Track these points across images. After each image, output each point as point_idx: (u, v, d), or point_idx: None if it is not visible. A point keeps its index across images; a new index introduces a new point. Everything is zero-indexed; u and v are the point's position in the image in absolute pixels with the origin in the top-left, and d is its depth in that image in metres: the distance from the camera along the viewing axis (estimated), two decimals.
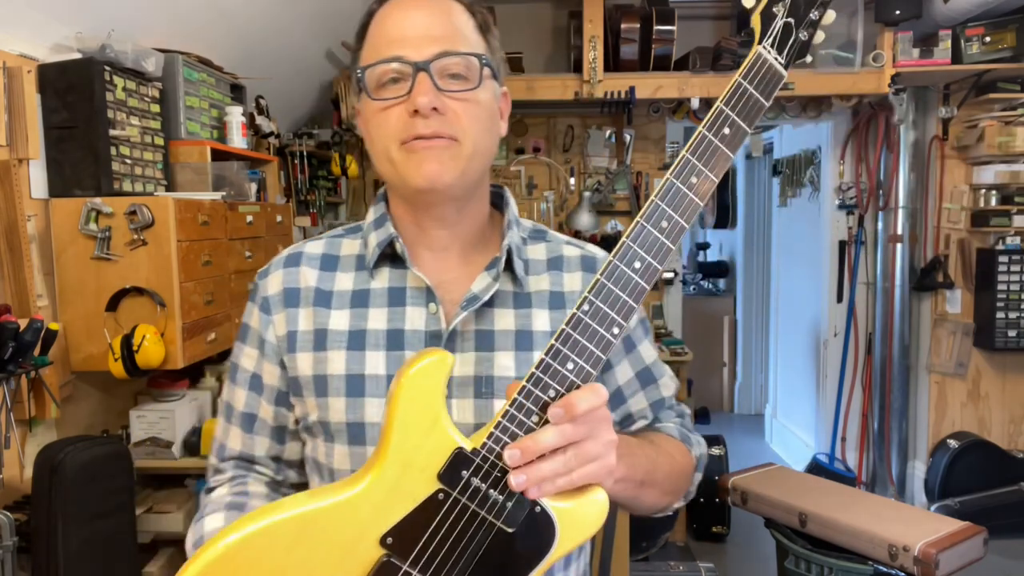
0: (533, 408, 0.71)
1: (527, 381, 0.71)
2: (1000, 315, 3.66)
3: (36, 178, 2.01)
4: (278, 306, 0.92)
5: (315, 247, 0.96)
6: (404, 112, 0.82)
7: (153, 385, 2.40)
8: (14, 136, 1.90)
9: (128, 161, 2.14)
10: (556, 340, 0.72)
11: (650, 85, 3.59)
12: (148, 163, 2.24)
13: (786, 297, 5.00)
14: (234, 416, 0.95)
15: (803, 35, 0.73)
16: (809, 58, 0.75)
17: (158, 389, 2.39)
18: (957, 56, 3.44)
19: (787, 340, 4.97)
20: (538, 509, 0.71)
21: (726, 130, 0.72)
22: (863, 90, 3.55)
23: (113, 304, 2.05)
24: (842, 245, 4.16)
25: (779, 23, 0.72)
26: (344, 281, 0.92)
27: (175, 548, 2.37)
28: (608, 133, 4.14)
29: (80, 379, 2.17)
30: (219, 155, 2.53)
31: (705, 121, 0.72)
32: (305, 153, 3.49)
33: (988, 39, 3.41)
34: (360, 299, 0.90)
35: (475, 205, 0.92)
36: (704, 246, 6.55)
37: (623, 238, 0.73)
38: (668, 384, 1.00)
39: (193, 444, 2.33)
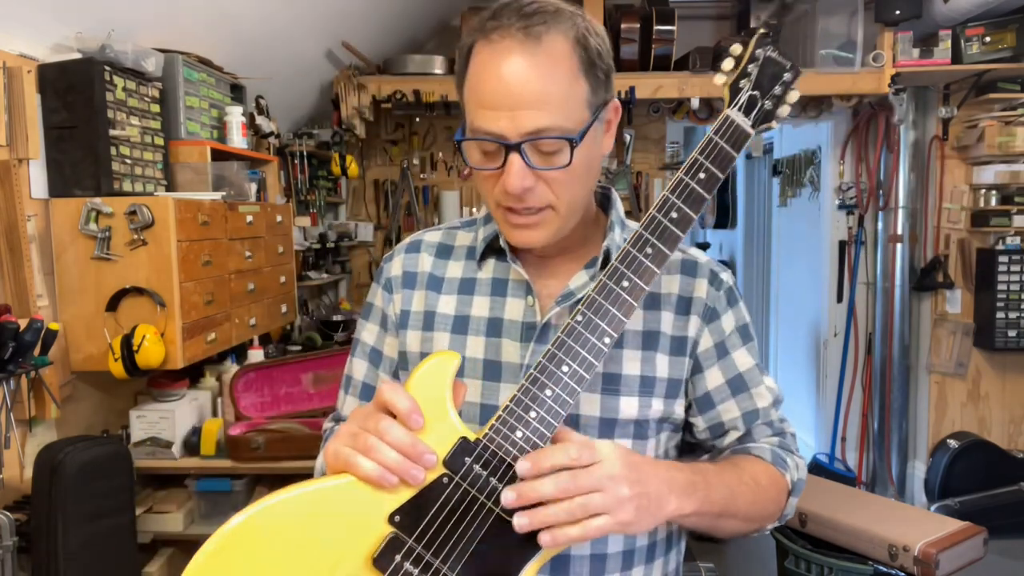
0: (531, 405, 0.78)
1: (526, 380, 0.79)
2: (1000, 315, 3.66)
3: (36, 178, 2.01)
4: (398, 286, 1.00)
5: (433, 236, 1.03)
6: (500, 184, 0.85)
7: (153, 385, 2.40)
8: (14, 136, 1.90)
9: (128, 161, 2.14)
10: (552, 345, 0.80)
11: (650, 85, 3.59)
12: (148, 163, 2.24)
13: (786, 297, 5.00)
14: (352, 386, 1.03)
15: (767, 104, 0.85)
16: (775, 124, 0.87)
17: (158, 389, 2.39)
18: (957, 56, 3.44)
19: (787, 340, 4.97)
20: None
21: (701, 175, 0.84)
22: (863, 90, 3.55)
23: (113, 304, 2.05)
24: (842, 245, 4.16)
25: (745, 95, 0.85)
26: (455, 269, 0.99)
27: (175, 548, 2.37)
28: None
29: (80, 379, 2.17)
30: (219, 155, 2.53)
31: (684, 167, 0.84)
32: (305, 153, 3.49)
33: (988, 39, 3.41)
34: (467, 287, 0.97)
35: (576, 222, 0.95)
36: (704, 246, 6.55)
37: (613, 260, 0.82)
38: (764, 395, 0.99)
39: (193, 444, 2.33)
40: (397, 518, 0.75)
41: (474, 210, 4.08)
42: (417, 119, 4.05)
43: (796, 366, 4.76)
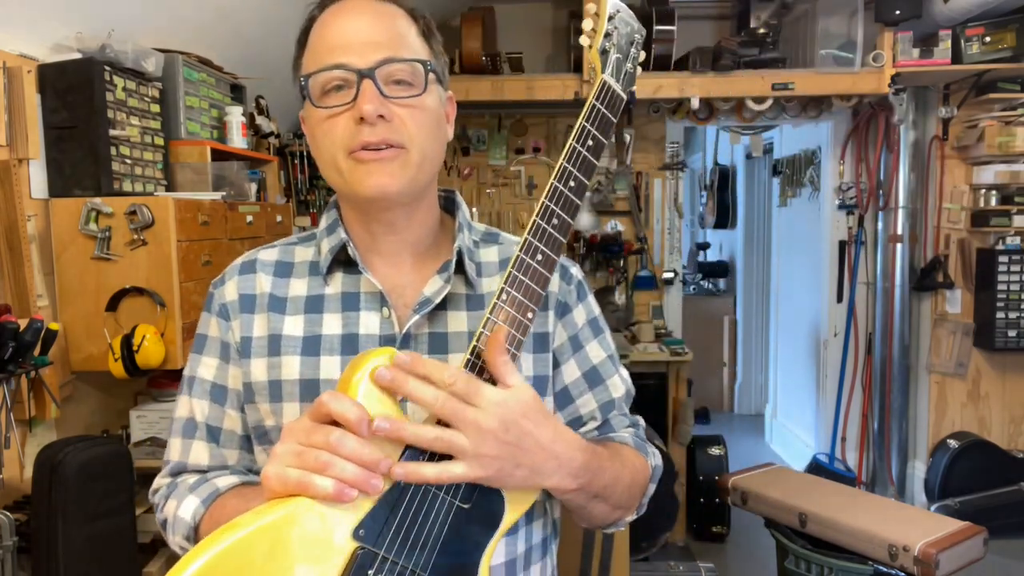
0: None
1: (465, 366, 0.75)
2: (1000, 315, 3.66)
3: (36, 178, 2.01)
4: (235, 312, 0.92)
5: (269, 255, 0.97)
6: (350, 120, 0.82)
7: (153, 385, 2.40)
8: (14, 136, 1.90)
9: (128, 161, 2.14)
10: (483, 327, 0.76)
11: (650, 85, 3.59)
12: (148, 163, 2.24)
13: (786, 297, 5.00)
14: (197, 428, 0.93)
15: (629, 67, 0.88)
16: (634, 88, 0.90)
17: (158, 389, 2.39)
18: (957, 56, 3.44)
19: (787, 340, 4.97)
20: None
21: (590, 142, 0.84)
22: (863, 90, 3.55)
23: (113, 304, 2.05)
24: (842, 245, 4.16)
25: (612, 58, 0.86)
26: (298, 287, 0.92)
27: None
28: None
29: (80, 379, 2.17)
30: (219, 155, 2.53)
31: (573, 135, 0.83)
32: (305, 153, 3.49)
33: (988, 39, 3.41)
34: (314, 305, 0.91)
35: (424, 210, 0.93)
36: (704, 246, 6.55)
37: (526, 234, 0.80)
38: (618, 385, 1.00)
39: None
40: (362, 532, 0.72)
41: (473, 210, 4.08)
42: None
43: (796, 366, 4.76)
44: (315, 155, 0.89)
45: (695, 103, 3.67)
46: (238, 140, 2.65)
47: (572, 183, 0.82)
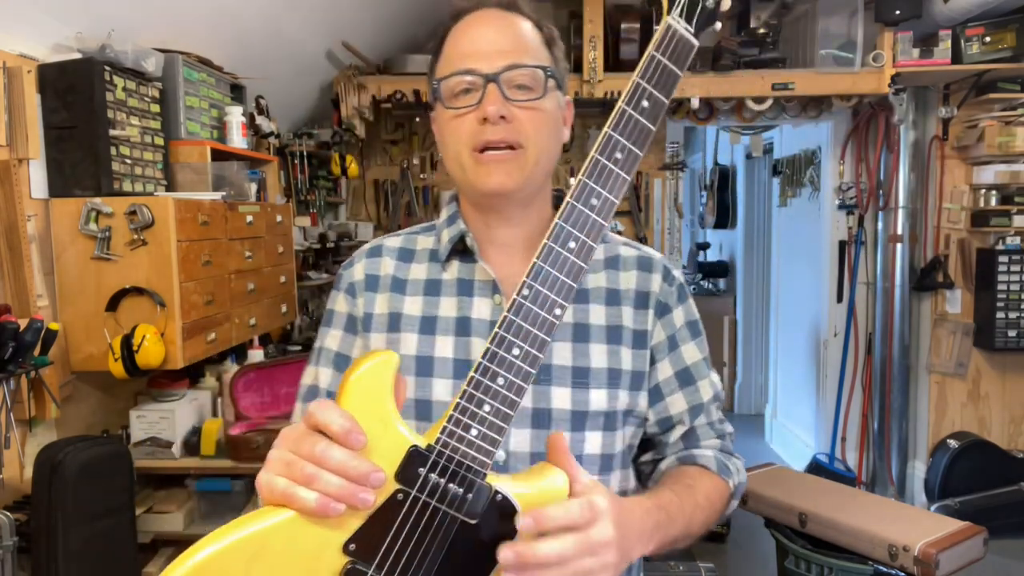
0: (484, 398, 0.71)
1: (475, 372, 0.71)
2: (1000, 315, 3.66)
3: (36, 178, 2.01)
4: (361, 290, 1.00)
5: (394, 241, 1.04)
6: (475, 120, 0.90)
7: (153, 385, 2.40)
8: (14, 136, 1.90)
9: (128, 161, 2.14)
10: (500, 327, 0.72)
11: None
12: (148, 163, 2.24)
13: (786, 297, 5.00)
14: (318, 395, 1.00)
15: (709, 3, 0.76)
16: (719, 25, 0.76)
17: (158, 389, 2.39)
18: (957, 56, 3.44)
19: (787, 340, 4.97)
20: (499, 497, 0.71)
21: (645, 103, 0.73)
22: (863, 90, 3.55)
23: (113, 304, 2.05)
24: (842, 245, 4.16)
25: None
26: (418, 271, 1.00)
27: (175, 548, 2.37)
28: None
29: (80, 379, 2.17)
30: (219, 155, 2.53)
31: (623, 96, 0.73)
32: (305, 153, 3.49)
33: (988, 39, 3.41)
34: (432, 288, 0.98)
35: (538, 206, 0.99)
36: (704, 246, 6.55)
37: (556, 218, 0.73)
38: (707, 388, 1.02)
39: (193, 444, 2.33)
40: (353, 546, 0.68)
41: None
42: (417, 119, 4.06)
43: (796, 366, 4.76)
44: (442, 151, 0.97)
45: (695, 103, 3.67)
46: (238, 140, 2.65)
47: (619, 155, 0.73)
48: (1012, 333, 3.67)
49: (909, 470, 4.05)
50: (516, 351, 0.72)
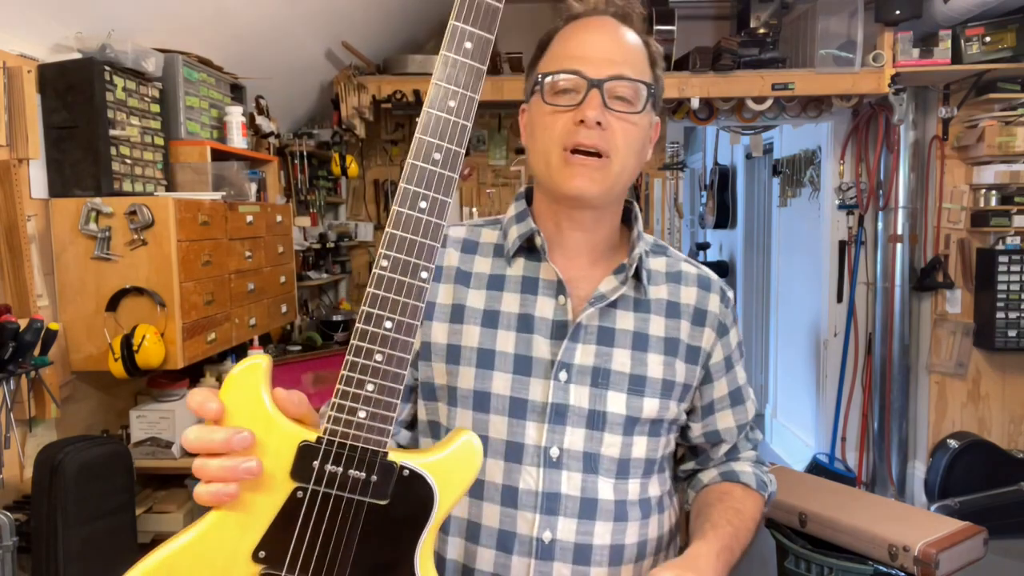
0: (363, 377, 0.69)
1: (350, 354, 0.69)
2: (1000, 315, 3.66)
3: (36, 178, 2.01)
4: None
5: (457, 232, 1.05)
6: (571, 120, 0.91)
7: (153, 385, 2.40)
8: (14, 136, 1.90)
9: (128, 161, 2.14)
10: (364, 304, 0.70)
11: None
12: (148, 163, 2.24)
13: (786, 297, 5.00)
14: None
15: None
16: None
17: (158, 389, 2.39)
18: (957, 56, 3.44)
19: (787, 340, 4.97)
20: (406, 472, 0.70)
21: (467, 44, 0.70)
22: (863, 90, 3.55)
23: (113, 304, 2.05)
24: (842, 245, 4.16)
25: None
26: (482, 265, 1.01)
27: None
28: None
29: (80, 379, 2.17)
30: (219, 155, 2.53)
31: (444, 44, 0.70)
32: (305, 153, 3.49)
33: (988, 39, 3.41)
34: (496, 283, 0.99)
35: (611, 216, 1.01)
36: (704, 246, 6.55)
37: (400, 183, 0.70)
38: (750, 409, 1.09)
39: None
40: (262, 553, 0.68)
41: (473, 210, 4.09)
42: (417, 119, 4.05)
43: (796, 366, 4.76)
44: (528, 144, 0.99)
45: (695, 103, 3.67)
46: (238, 140, 2.65)
47: (452, 102, 0.70)
48: (1012, 333, 3.67)
49: (909, 470, 4.05)
50: (388, 324, 0.69)
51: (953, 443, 3.73)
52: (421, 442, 1.03)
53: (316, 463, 0.68)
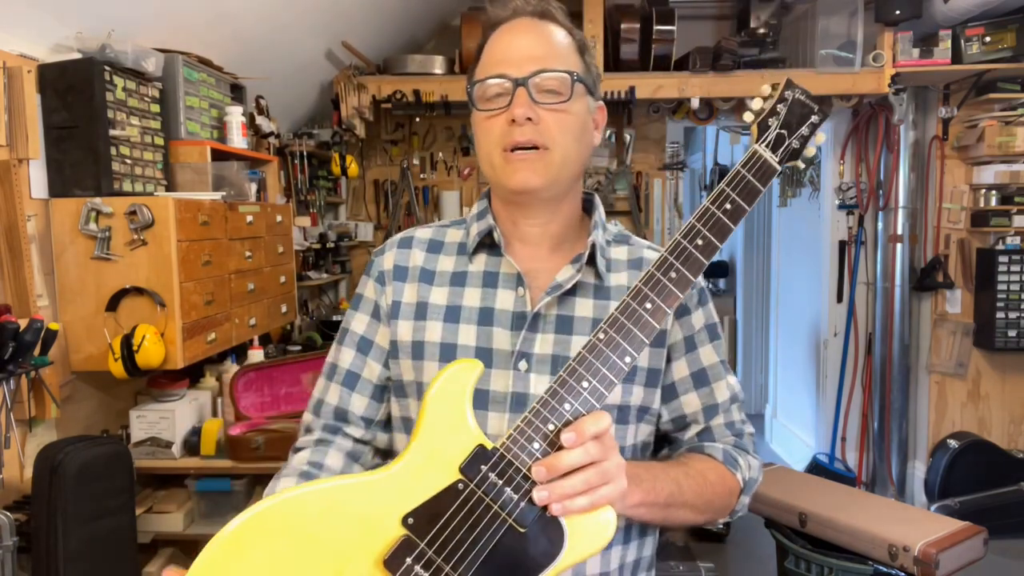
0: (549, 417, 0.79)
1: (547, 393, 0.80)
2: (1000, 315, 3.66)
3: (36, 178, 2.01)
4: (389, 279, 1.05)
5: (424, 233, 1.09)
6: (504, 121, 0.95)
7: (153, 385, 2.40)
8: (14, 136, 1.90)
9: (128, 161, 2.14)
10: (574, 361, 0.81)
11: (650, 85, 3.59)
12: (148, 163, 2.24)
13: (786, 297, 5.00)
14: (337, 374, 1.06)
15: (795, 143, 0.90)
16: (801, 163, 0.93)
17: (158, 389, 2.39)
18: (957, 56, 3.44)
19: (787, 340, 4.97)
20: (549, 514, 0.78)
21: (728, 205, 0.86)
22: (863, 90, 3.55)
23: (113, 304, 2.05)
24: (842, 245, 4.16)
25: (773, 132, 0.90)
26: (446, 263, 1.05)
27: (175, 548, 2.37)
28: (608, 133, 4.14)
29: (80, 379, 2.17)
30: (219, 155, 2.53)
31: (710, 196, 0.87)
32: (305, 153, 3.49)
33: (988, 39, 3.41)
34: (458, 279, 1.03)
35: (566, 206, 1.04)
36: None
37: (638, 282, 0.84)
38: (723, 390, 1.06)
39: (193, 444, 2.33)
40: (411, 520, 0.76)
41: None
42: (417, 119, 4.05)
43: (796, 366, 4.76)
44: (476, 151, 1.03)
45: (695, 103, 3.67)
46: (238, 140, 2.65)
47: (699, 241, 0.85)
48: (1012, 333, 3.67)
49: (909, 470, 4.05)
50: (585, 384, 0.81)
51: (953, 443, 3.73)
52: (396, 439, 1.05)
53: (484, 467, 0.78)
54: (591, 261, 1.01)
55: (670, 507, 0.92)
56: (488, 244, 1.03)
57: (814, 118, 0.90)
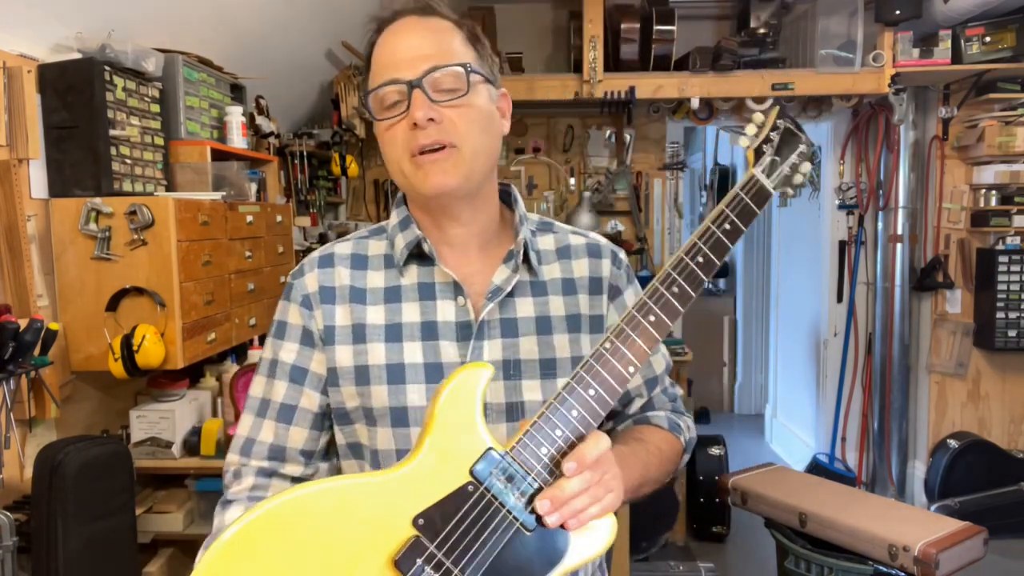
0: (558, 424, 0.81)
1: (554, 399, 0.81)
2: (1000, 315, 3.66)
3: (36, 178, 2.01)
4: (316, 302, 0.99)
5: (344, 248, 1.03)
6: (406, 127, 0.91)
7: (153, 385, 2.40)
8: (14, 136, 1.90)
9: (128, 161, 2.14)
10: (582, 368, 0.83)
11: (650, 85, 3.59)
12: (148, 163, 2.24)
13: (786, 297, 5.00)
14: (270, 409, 0.99)
15: (786, 169, 0.94)
16: (790, 191, 0.98)
17: (158, 389, 2.39)
18: (957, 56, 3.44)
19: (787, 340, 4.97)
20: (566, 530, 0.80)
21: (727, 226, 0.89)
22: (863, 90, 3.55)
23: (113, 304, 2.05)
24: (842, 245, 4.16)
25: (767, 158, 0.93)
26: (375, 279, 1.00)
27: (175, 548, 2.37)
28: (608, 133, 4.14)
29: (80, 379, 2.17)
30: (219, 155, 2.53)
31: (710, 216, 0.89)
32: (305, 153, 3.49)
33: (988, 39, 3.41)
34: (392, 295, 0.98)
35: (486, 201, 1.01)
36: None
37: (643, 295, 0.86)
38: (660, 362, 1.09)
39: (193, 444, 2.33)
40: (421, 521, 0.77)
41: None
42: None
43: (796, 366, 4.76)
44: (385, 162, 0.98)
45: (695, 103, 3.67)
46: (238, 140, 2.65)
47: (700, 259, 0.88)
48: (1012, 333, 3.67)
49: (909, 470, 4.05)
50: (592, 392, 0.82)
51: (953, 443, 3.74)
52: (344, 465, 1.02)
53: (494, 470, 0.79)
54: (523, 258, 0.99)
55: (640, 487, 0.94)
56: (417, 255, 0.99)
57: (802, 147, 0.94)
